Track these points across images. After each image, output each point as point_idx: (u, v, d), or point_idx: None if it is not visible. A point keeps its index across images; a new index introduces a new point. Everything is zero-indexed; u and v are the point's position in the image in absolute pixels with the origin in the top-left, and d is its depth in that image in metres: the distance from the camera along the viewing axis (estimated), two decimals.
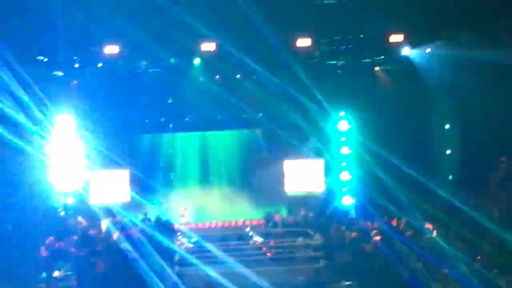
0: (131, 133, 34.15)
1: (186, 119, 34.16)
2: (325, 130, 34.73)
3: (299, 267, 23.71)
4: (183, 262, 26.08)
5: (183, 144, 35.41)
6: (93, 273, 24.70)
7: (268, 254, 28.16)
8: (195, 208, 34.38)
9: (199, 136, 35.43)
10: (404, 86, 31.70)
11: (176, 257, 26.38)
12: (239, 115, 33.56)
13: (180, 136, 35.23)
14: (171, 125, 33.94)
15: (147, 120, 33.86)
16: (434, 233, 25.73)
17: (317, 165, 35.48)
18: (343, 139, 34.22)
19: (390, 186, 32.21)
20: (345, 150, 34.72)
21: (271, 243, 29.42)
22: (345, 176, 34.63)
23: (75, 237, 27.67)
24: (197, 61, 30.60)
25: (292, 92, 31.06)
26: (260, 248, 29.48)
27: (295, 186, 35.62)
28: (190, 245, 27.89)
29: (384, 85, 32.58)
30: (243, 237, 28.64)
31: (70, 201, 32.41)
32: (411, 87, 31.21)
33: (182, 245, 28.35)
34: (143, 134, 34.72)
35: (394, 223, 28.69)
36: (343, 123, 34.32)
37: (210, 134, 35.43)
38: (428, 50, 29.83)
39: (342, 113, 33.88)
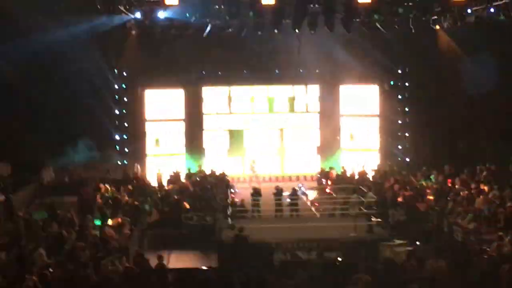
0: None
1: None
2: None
3: (351, 224, 23.56)
4: (235, 216, 26.24)
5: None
6: (146, 222, 25.11)
7: (319, 210, 28.11)
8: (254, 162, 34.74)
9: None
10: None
11: (229, 211, 26.59)
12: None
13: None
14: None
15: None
16: (491, 194, 25.16)
17: (373, 121, 35.42)
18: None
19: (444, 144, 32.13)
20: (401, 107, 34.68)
21: (324, 198, 29.35)
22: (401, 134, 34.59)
23: (129, 186, 28.17)
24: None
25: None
26: (312, 204, 29.45)
27: (351, 143, 35.64)
28: (243, 199, 27.99)
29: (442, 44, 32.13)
30: (295, 192, 28.57)
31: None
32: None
33: (234, 199, 28.48)
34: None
35: (449, 182, 28.26)
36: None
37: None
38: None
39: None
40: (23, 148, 28.87)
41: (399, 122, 35.08)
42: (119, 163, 33.68)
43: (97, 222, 23.26)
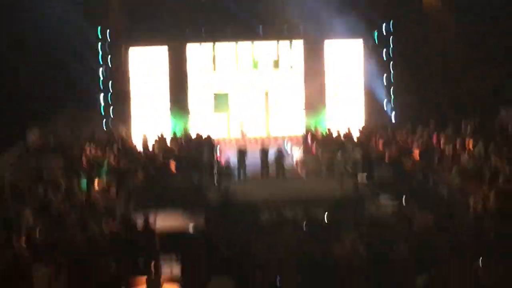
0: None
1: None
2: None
3: (337, 182, 23.66)
4: (221, 176, 26.26)
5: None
6: (132, 185, 25.06)
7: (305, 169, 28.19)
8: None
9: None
10: None
11: (215, 169, 26.60)
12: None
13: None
14: None
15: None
16: (476, 149, 25.27)
17: (358, 78, 35.41)
18: None
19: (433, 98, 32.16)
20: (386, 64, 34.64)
21: (309, 158, 29.40)
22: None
23: (115, 149, 28.06)
24: None
25: None
26: (297, 163, 29.51)
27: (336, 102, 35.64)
28: (229, 159, 28.03)
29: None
30: (281, 151, 28.59)
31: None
32: None
33: (220, 159, 28.51)
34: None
35: (434, 139, 28.33)
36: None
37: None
38: None
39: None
40: (7, 111, 28.57)
41: (384, 78, 34.98)
42: (104, 125, 33.46)
43: (83, 185, 23.15)
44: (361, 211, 21.65)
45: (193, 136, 31.65)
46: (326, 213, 20.70)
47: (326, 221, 19.08)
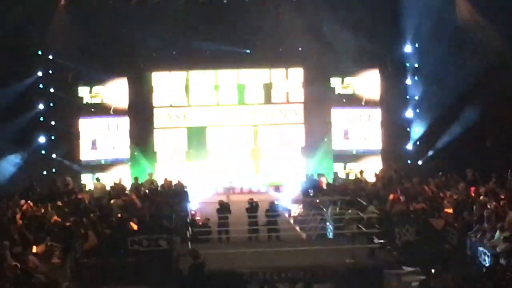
0: None
1: None
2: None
3: (348, 247, 23.60)
4: (197, 239, 26.18)
5: None
6: (81, 249, 24.94)
7: (306, 230, 28.18)
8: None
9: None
10: None
11: (189, 232, 26.53)
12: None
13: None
14: None
15: None
16: None
17: (373, 114, 35.62)
18: None
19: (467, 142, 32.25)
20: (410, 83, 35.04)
21: (312, 215, 29.39)
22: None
23: (59, 202, 27.94)
24: None
25: None
26: (296, 221, 29.48)
27: (345, 142, 35.78)
28: (207, 217, 28.00)
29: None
30: (275, 207, 28.59)
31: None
32: None
33: (196, 217, 28.45)
34: None
35: (473, 192, 28.40)
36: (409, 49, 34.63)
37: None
38: None
39: None
40: None
41: (407, 115, 35.19)
42: (44, 172, 33.41)
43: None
44: (378, 285, 21.63)
45: (161, 184, 31.61)
46: (333, 287, 20.71)
47: None
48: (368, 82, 35.63)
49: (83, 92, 34.70)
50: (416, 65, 35.11)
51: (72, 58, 33.47)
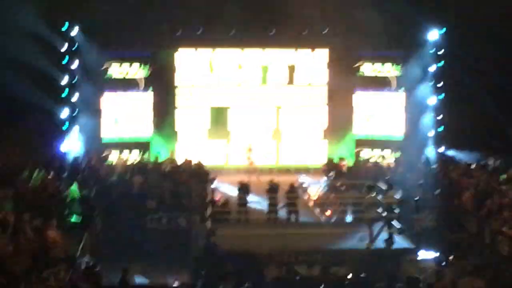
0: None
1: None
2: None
3: (366, 230, 23.64)
4: (216, 219, 26.28)
5: None
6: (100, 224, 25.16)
7: (327, 213, 28.16)
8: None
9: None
10: None
11: (208, 212, 26.63)
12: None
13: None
14: None
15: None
16: None
17: (397, 99, 35.49)
18: None
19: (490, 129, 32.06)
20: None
21: (331, 198, 29.40)
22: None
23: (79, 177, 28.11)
24: None
25: None
26: (315, 203, 29.50)
27: (367, 126, 35.70)
28: (226, 198, 28.09)
29: None
30: (295, 189, 28.61)
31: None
32: None
33: (215, 196, 28.53)
34: None
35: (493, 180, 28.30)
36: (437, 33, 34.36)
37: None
38: None
39: None
40: None
41: (431, 101, 35.02)
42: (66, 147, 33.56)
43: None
44: (395, 270, 21.64)
45: (181, 164, 31.72)
46: (351, 270, 20.73)
47: (350, 281, 19.05)
48: (393, 66, 35.40)
49: (107, 67, 34.67)
50: (443, 50, 34.77)
51: (96, 34, 33.44)
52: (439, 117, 34.81)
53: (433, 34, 34.52)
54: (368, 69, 35.47)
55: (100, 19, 32.54)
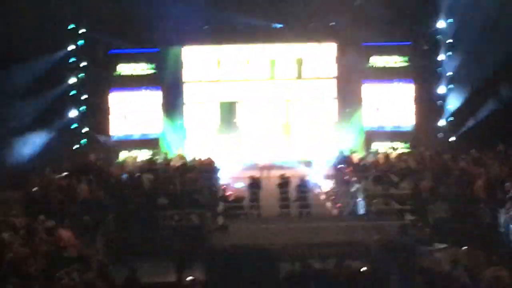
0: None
1: None
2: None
3: (377, 224, 23.58)
4: (228, 214, 26.29)
5: None
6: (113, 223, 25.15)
7: (338, 206, 28.15)
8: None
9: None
10: None
11: (220, 208, 26.62)
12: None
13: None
14: None
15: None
16: None
17: (406, 90, 35.43)
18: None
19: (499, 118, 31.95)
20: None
21: (342, 190, 29.38)
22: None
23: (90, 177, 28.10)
24: None
25: None
26: (327, 197, 29.48)
27: (376, 118, 35.66)
28: (238, 195, 28.08)
29: None
30: (306, 182, 28.60)
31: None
32: None
33: (226, 192, 28.54)
34: None
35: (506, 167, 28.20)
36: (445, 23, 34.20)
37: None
38: None
39: None
40: None
41: (440, 91, 34.94)
42: (75, 146, 33.64)
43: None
44: (411, 262, 21.57)
45: (191, 159, 31.73)
46: (365, 263, 20.67)
47: (364, 274, 19.00)
48: (401, 57, 35.33)
49: (115, 65, 34.71)
50: (450, 40, 34.67)
51: (103, 32, 33.48)
52: (449, 107, 34.78)
53: (441, 24, 34.41)
54: (377, 60, 35.38)
55: (106, 17, 32.65)
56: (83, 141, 34.15)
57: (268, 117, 35.56)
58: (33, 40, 30.08)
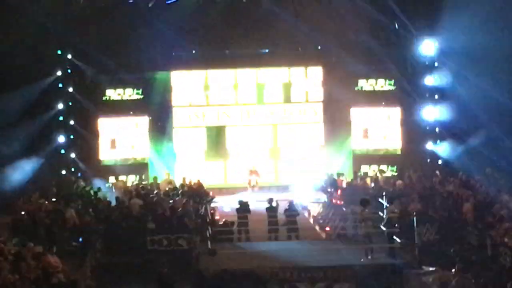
0: None
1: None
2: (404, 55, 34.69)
3: (365, 247, 23.58)
4: (217, 238, 26.24)
5: None
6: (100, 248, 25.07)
7: (326, 229, 28.13)
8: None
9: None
10: None
11: (209, 232, 26.57)
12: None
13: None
14: None
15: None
16: None
17: (393, 113, 35.54)
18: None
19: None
20: (430, 81, 34.75)
21: (330, 213, 29.37)
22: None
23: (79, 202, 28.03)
24: None
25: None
26: (315, 220, 29.46)
27: (364, 142, 35.71)
28: (227, 219, 28.04)
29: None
30: (294, 206, 28.56)
31: None
32: None
33: (215, 216, 28.50)
34: None
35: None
36: (429, 45, 34.22)
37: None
38: None
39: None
40: None
41: (427, 114, 35.01)
42: (63, 172, 33.57)
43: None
44: (399, 285, 21.58)
45: (179, 184, 31.70)
46: (354, 286, 20.67)
47: None
48: (386, 81, 35.46)
49: (102, 91, 34.75)
50: (435, 64, 34.76)
51: (91, 58, 33.51)
52: (436, 130, 34.88)
53: (426, 47, 34.50)
54: (365, 84, 35.50)
55: (93, 43, 32.71)
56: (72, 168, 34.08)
57: (256, 141, 35.56)
58: (22, 67, 30.15)
